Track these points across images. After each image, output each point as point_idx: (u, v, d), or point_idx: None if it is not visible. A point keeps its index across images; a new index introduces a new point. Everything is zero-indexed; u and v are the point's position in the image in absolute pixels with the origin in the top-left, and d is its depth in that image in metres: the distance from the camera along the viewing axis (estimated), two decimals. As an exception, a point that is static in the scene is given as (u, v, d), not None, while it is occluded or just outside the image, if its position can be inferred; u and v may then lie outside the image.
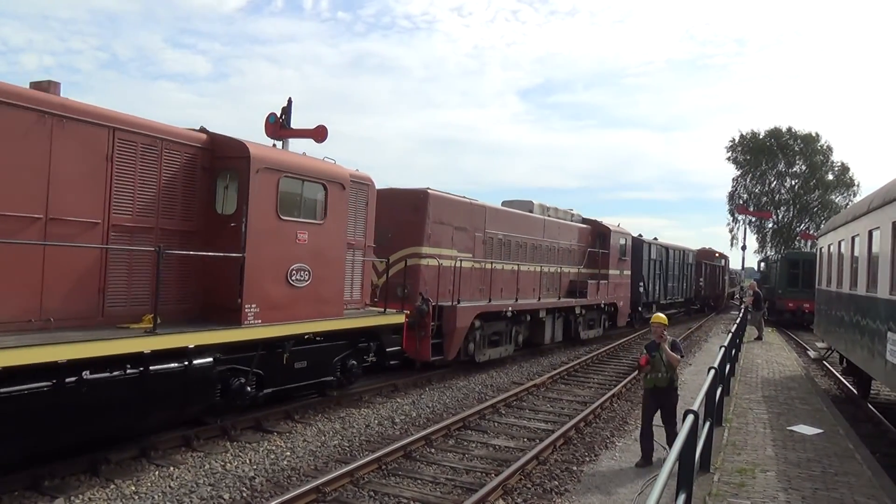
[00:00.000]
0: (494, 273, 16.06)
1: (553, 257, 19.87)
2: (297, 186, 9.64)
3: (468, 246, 15.37)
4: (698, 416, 5.58)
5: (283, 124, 12.72)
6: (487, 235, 16.19)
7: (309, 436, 9.31)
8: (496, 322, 15.80)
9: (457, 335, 13.83)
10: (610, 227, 23.34)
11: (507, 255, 17.10)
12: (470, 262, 15.10)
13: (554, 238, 20.02)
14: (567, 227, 21.28)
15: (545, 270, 18.96)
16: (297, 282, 9.54)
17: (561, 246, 20.49)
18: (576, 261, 21.47)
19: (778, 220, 64.71)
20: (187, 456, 8.12)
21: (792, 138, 62.48)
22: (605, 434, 10.21)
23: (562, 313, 19.61)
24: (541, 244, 19.09)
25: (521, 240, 17.89)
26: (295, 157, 9.95)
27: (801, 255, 36.20)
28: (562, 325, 19.66)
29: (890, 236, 9.63)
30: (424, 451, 8.89)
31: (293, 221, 9.48)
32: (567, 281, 20.57)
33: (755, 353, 20.37)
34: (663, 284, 31.01)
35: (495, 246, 16.62)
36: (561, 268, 19.91)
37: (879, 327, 10.01)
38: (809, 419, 10.78)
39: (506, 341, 16.45)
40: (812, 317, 22.95)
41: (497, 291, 16.09)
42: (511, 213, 18.01)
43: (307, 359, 10.03)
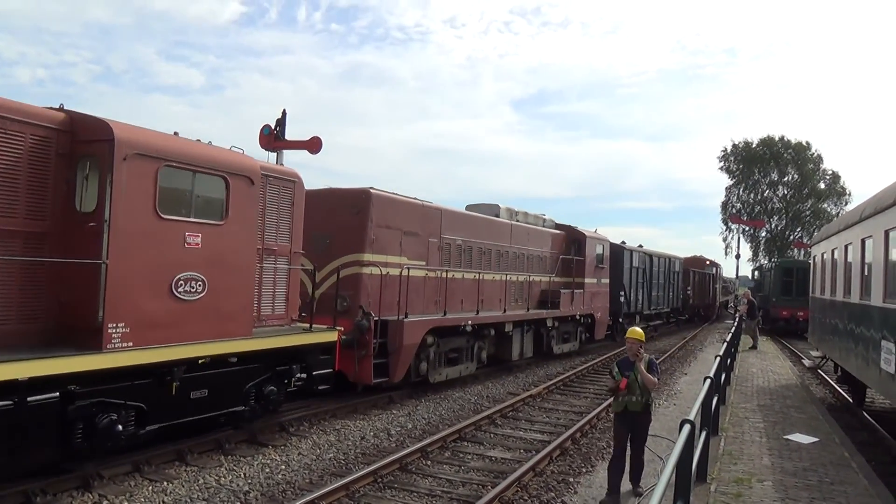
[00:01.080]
0: (452, 283, 14.63)
1: (522, 265, 18.25)
2: (185, 179, 8.00)
3: (420, 253, 13.66)
4: (695, 426, 5.56)
5: (277, 136, 12.78)
6: (444, 241, 14.51)
7: (304, 448, 9.25)
8: (454, 338, 14.25)
9: (404, 353, 12.18)
10: (585, 233, 21.79)
11: (468, 263, 15.56)
12: (423, 271, 13.56)
13: (523, 244, 18.36)
14: (538, 233, 19.63)
15: (512, 279, 17.37)
16: (185, 294, 7.88)
17: (531, 253, 18.86)
18: (548, 269, 19.83)
19: (771, 229, 65.08)
20: (181, 470, 8.04)
21: (784, 147, 62.98)
22: (602, 445, 10.17)
23: (531, 326, 18.08)
24: (507, 251, 17.45)
25: (484, 246, 16.28)
26: (181, 143, 8.16)
27: (794, 263, 36.35)
28: (532, 340, 18.15)
29: (882, 245, 9.68)
30: (420, 463, 8.84)
31: (180, 221, 7.85)
32: (538, 291, 19.12)
33: (750, 361, 20.39)
34: (647, 293, 29.40)
35: (453, 253, 14.97)
36: (531, 277, 18.48)
37: (873, 335, 10.03)
38: (805, 428, 10.77)
39: (466, 358, 14.85)
40: (806, 325, 23.00)
41: (455, 303, 14.66)
42: (472, 217, 16.39)
43: (208, 386, 8.46)
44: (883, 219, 9.70)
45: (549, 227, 20.83)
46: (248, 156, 9.30)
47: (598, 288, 22.56)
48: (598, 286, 22.56)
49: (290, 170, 10.40)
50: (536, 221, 20.05)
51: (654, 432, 8.55)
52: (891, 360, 8.85)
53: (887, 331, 9.19)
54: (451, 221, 14.93)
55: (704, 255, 48.54)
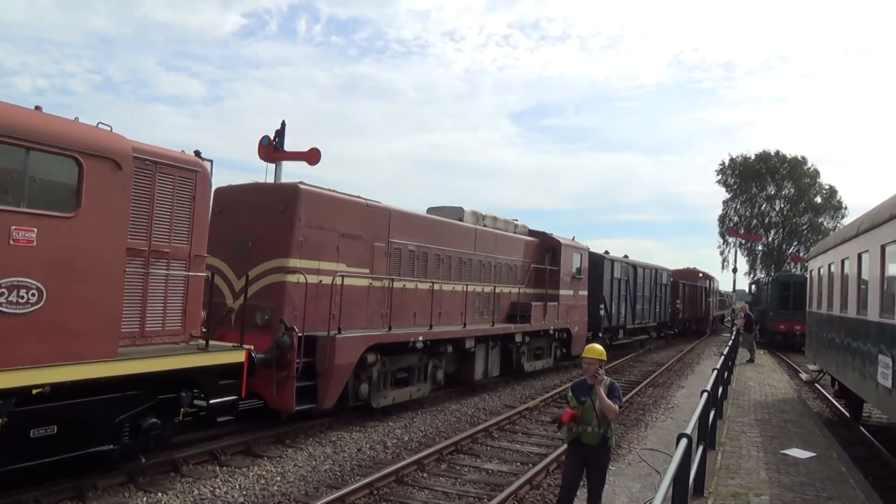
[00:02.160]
0: (402, 294, 12.91)
1: (488, 275, 16.52)
2: (11, 157, 6.36)
3: (363, 259, 11.93)
4: (692, 440, 5.56)
5: (276, 146, 12.81)
6: (393, 246, 12.73)
7: (300, 460, 9.20)
8: (403, 356, 12.58)
9: (336, 375, 10.50)
10: (561, 241, 20.03)
11: (423, 272, 13.73)
12: (365, 280, 11.85)
13: (489, 252, 16.57)
14: (507, 240, 17.82)
15: (476, 290, 15.72)
16: (9, 306, 6.18)
17: (499, 261, 17.04)
18: (518, 279, 18.05)
19: (768, 243, 65.30)
20: (176, 482, 7.99)
21: (780, 162, 63.39)
22: (599, 458, 10.13)
23: (498, 342, 16.33)
24: (471, 259, 15.69)
25: (443, 253, 14.49)
26: (8, 111, 6.44)
27: (791, 277, 36.42)
28: (499, 357, 16.45)
29: (879, 259, 9.71)
30: (416, 475, 8.80)
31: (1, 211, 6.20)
32: (507, 303, 17.39)
33: (747, 375, 20.38)
34: (630, 306, 27.73)
35: (405, 260, 13.16)
36: (498, 287, 16.73)
37: (870, 350, 10.05)
38: (802, 442, 10.76)
39: (418, 379, 13.21)
40: (803, 339, 23.02)
41: (406, 316, 13.01)
42: (428, 221, 14.58)
43: (58, 422, 6.76)
44: (879, 233, 9.74)
45: (521, 233, 19.11)
46: (117, 134, 7.40)
47: (575, 300, 20.80)
48: (575, 298, 20.79)
49: (190, 157, 8.58)
50: (507, 227, 18.40)
51: (651, 445, 8.52)
52: (888, 375, 8.86)
53: (884, 345, 9.20)
54: (402, 224, 13.10)
55: (698, 268, 46.93)
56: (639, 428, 12.50)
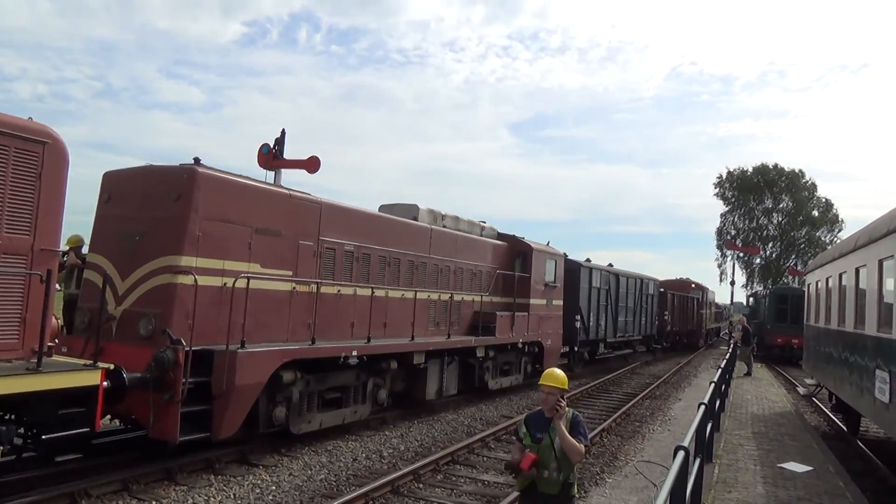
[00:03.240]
0: (335, 300, 11.21)
1: (446, 280, 14.82)
2: None
3: (284, 259, 10.24)
4: (689, 453, 5.54)
5: (276, 154, 12.80)
6: (324, 245, 11.05)
7: (295, 469, 9.16)
8: (335, 373, 10.80)
9: (238, 397, 8.60)
10: (532, 245, 18.24)
11: (363, 276, 12.00)
12: (287, 284, 10.19)
13: (448, 255, 14.88)
14: (470, 242, 16.14)
15: (431, 298, 14.09)
16: None
17: (459, 266, 15.36)
18: (483, 286, 16.38)
19: (766, 256, 65.44)
20: (170, 490, 7.94)
21: (778, 175, 63.67)
22: (595, 470, 10.10)
23: (456, 357, 14.62)
24: (425, 262, 13.99)
25: (390, 255, 12.77)
26: None
27: (789, 290, 36.44)
28: (457, 373, 14.78)
29: (876, 274, 9.73)
30: (412, 486, 8.76)
31: None
32: (469, 313, 15.68)
33: (745, 388, 20.35)
34: (612, 318, 26.01)
35: (339, 261, 11.41)
36: (456, 295, 14.97)
37: (867, 364, 10.04)
38: (800, 456, 10.73)
39: (354, 400, 11.40)
40: (801, 352, 23.00)
41: (341, 327, 11.31)
42: (371, 217, 12.77)
43: None
44: (877, 248, 9.77)
45: (488, 236, 17.44)
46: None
47: (548, 311, 19.04)
48: (548, 308, 19.03)
49: (36, 125, 6.93)
50: (471, 228, 16.69)
51: (648, 458, 8.50)
52: (885, 390, 8.85)
53: (881, 360, 9.21)
54: (336, 220, 11.40)
55: (692, 279, 44.91)
56: (636, 440, 12.46)
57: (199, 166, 9.09)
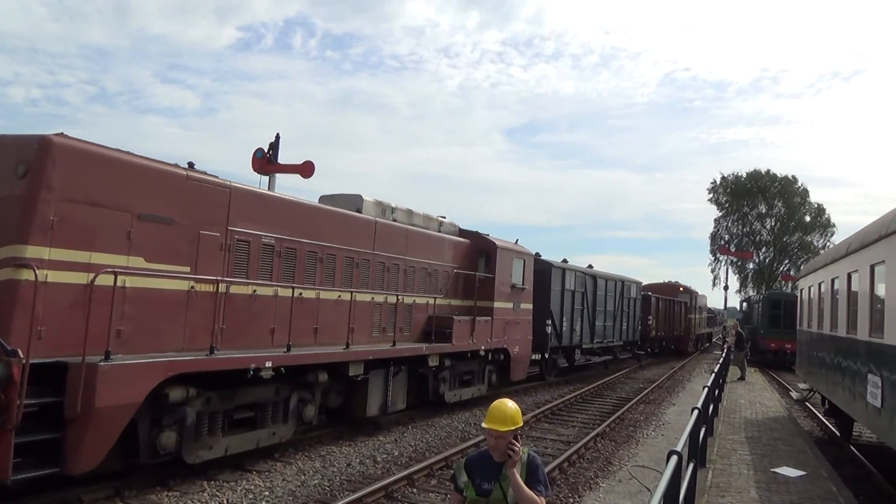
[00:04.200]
0: (252, 302, 9.59)
1: (395, 280, 13.17)
2: None
3: (179, 252, 8.50)
4: (682, 457, 5.55)
5: (270, 159, 12.81)
6: (235, 237, 9.38)
7: (289, 475, 9.13)
8: (246, 388, 9.22)
9: (99, 422, 6.92)
10: (497, 243, 16.57)
11: (289, 274, 10.37)
12: (184, 282, 8.48)
13: (397, 252, 13.25)
14: (425, 239, 14.46)
15: (377, 300, 12.49)
16: None
17: (411, 264, 13.71)
18: (440, 288, 14.77)
19: (759, 261, 65.76)
20: (163, 496, 7.91)
21: (770, 181, 64.09)
22: (589, 475, 10.10)
23: (403, 366, 12.95)
24: (369, 260, 12.33)
25: (322, 250, 11.09)
26: None
27: (782, 295, 36.59)
28: (405, 385, 13.12)
29: (868, 279, 9.79)
30: (406, 491, 8.74)
31: None
32: (422, 317, 14.02)
33: (738, 393, 20.40)
34: (588, 323, 24.31)
35: (255, 256, 9.76)
36: (406, 297, 13.35)
37: (860, 369, 10.09)
38: (793, 461, 10.76)
39: (273, 419, 9.76)
40: (794, 357, 23.10)
41: (257, 333, 9.65)
42: (298, 207, 10.94)
43: None
44: (868, 254, 9.83)
45: (448, 232, 15.81)
46: None
47: (515, 315, 17.40)
48: (515, 312, 17.38)
49: None
50: (426, 223, 15.00)
51: (642, 462, 8.51)
52: (877, 394, 8.89)
53: (873, 364, 9.25)
54: (251, 208, 9.75)
55: (681, 282, 43.04)
56: (630, 445, 12.48)
57: (58, 136, 7.39)
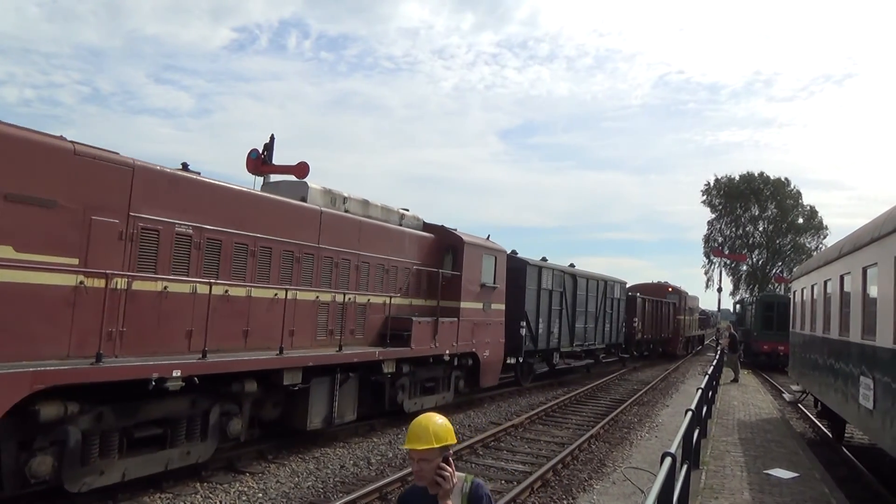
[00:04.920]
0: (162, 301, 8.24)
1: (344, 278, 11.81)
2: None
3: (64, 241, 7.31)
4: (676, 459, 5.56)
5: (265, 160, 12.78)
6: (139, 225, 8.06)
7: (282, 476, 9.11)
8: (151, 402, 7.89)
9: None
10: (464, 238, 15.25)
11: (212, 268, 9.09)
12: (70, 276, 7.27)
13: (348, 246, 11.90)
14: (381, 232, 13.04)
15: (322, 300, 11.18)
16: None
17: (364, 260, 12.35)
18: (399, 286, 13.47)
19: (752, 263, 66.02)
20: (156, 497, 7.88)
21: (764, 183, 64.37)
22: (583, 476, 10.12)
23: (351, 373, 11.48)
24: (313, 254, 11.04)
25: (256, 242, 9.85)
26: None
27: (775, 297, 36.73)
28: (355, 394, 11.68)
29: (860, 281, 9.84)
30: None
31: None
32: (378, 318, 12.69)
33: (732, 395, 20.47)
34: (568, 325, 22.74)
35: (167, 248, 8.42)
36: (358, 296, 12.06)
37: (852, 371, 10.14)
38: (786, 462, 10.80)
39: (188, 436, 8.48)
40: (787, 359, 23.18)
41: (171, 336, 8.32)
42: (224, 192, 9.51)
43: None
44: (861, 256, 9.88)
45: (409, 225, 14.49)
46: None
47: (485, 316, 16.14)
48: (485, 314, 16.13)
49: None
50: (386, 216, 13.65)
51: (636, 464, 8.53)
52: (869, 396, 8.93)
53: (865, 367, 9.30)
54: (162, 191, 8.39)
55: (670, 282, 41.35)
56: (623, 446, 12.50)
57: None
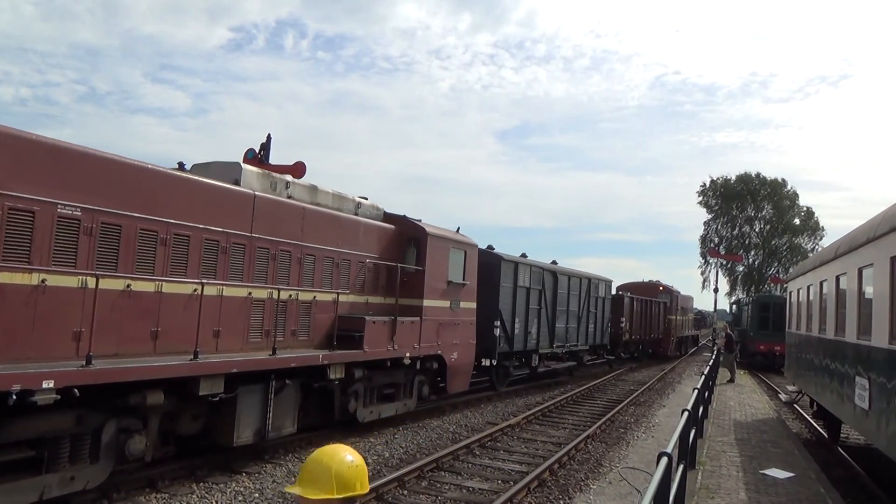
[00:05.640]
0: (37, 298, 6.92)
1: (284, 271, 10.41)
2: None
3: None
4: (672, 459, 5.57)
5: (261, 160, 12.75)
6: (7, 205, 6.69)
7: (279, 476, 9.09)
8: (16, 421, 6.48)
9: None
10: (427, 230, 13.58)
11: (110, 259, 7.71)
12: None
13: (289, 236, 10.51)
14: (330, 221, 11.58)
15: (256, 297, 9.76)
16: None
17: (309, 252, 10.90)
18: (353, 282, 12.04)
19: (748, 264, 66.17)
20: (151, 497, 7.86)
21: (760, 184, 64.53)
22: (580, 476, 10.12)
23: (287, 379, 9.91)
24: (244, 244, 9.62)
25: (168, 229, 8.44)
26: None
27: (771, 298, 36.80)
28: (296, 402, 10.26)
29: (856, 282, 9.86)
30: (397, 492, 8.72)
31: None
32: (326, 318, 11.20)
33: (728, 395, 20.50)
34: (548, 325, 21.35)
35: (44, 232, 7.03)
36: (300, 293, 10.67)
37: (847, 371, 10.16)
38: (781, 463, 10.82)
39: (70, 459, 7.08)
40: (783, 359, 23.23)
41: (51, 340, 7.02)
42: (123, 168, 8.00)
43: None
44: (857, 257, 9.90)
45: (367, 215, 12.91)
46: None
47: (453, 315, 14.57)
48: (453, 313, 14.55)
49: None
50: (339, 204, 12.22)
51: (632, 464, 8.54)
52: (864, 396, 8.96)
53: (861, 367, 9.32)
54: (36, 164, 6.98)
55: (662, 282, 39.99)
56: (620, 446, 12.51)
57: None
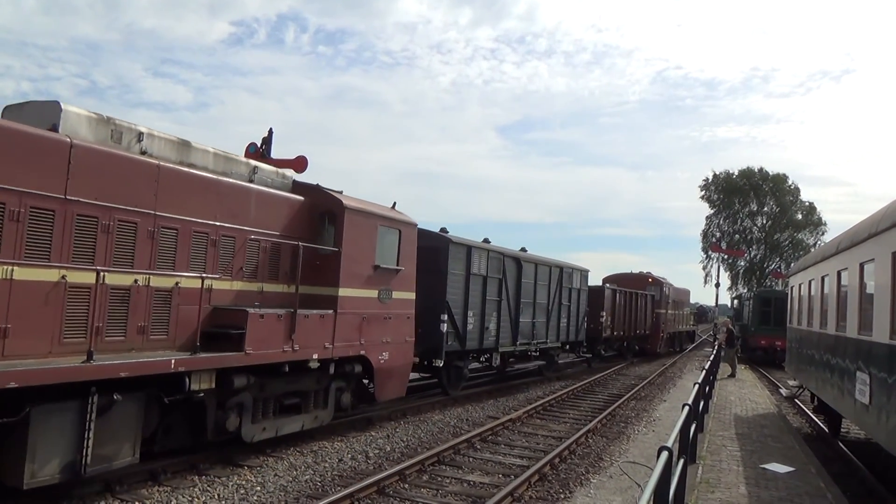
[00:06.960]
0: None
1: (128, 250, 7.87)
2: None
3: None
4: (672, 453, 5.58)
5: (263, 154, 12.76)
6: None
7: (280, 470, 9.13)
8: None
9: None
10: (345, 203, 10.88)
11: None
12: None
13: (137, 203, 7.96)
14: (206, 186, 9.03)
15: (80, 283, 7.21)
16: None
17: (168, 224, 8.38)
18: (240, 265, 9.56)
19: (750, 259, 66.14)
20: (153, 491, 7.89)
21: (762, 179, 64.43)
22: (580, 471, 10.15)
23: (116, 393, 7.20)
24: (57, 211, 7.07)
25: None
26: None
27: (773, 293, 36.81)
28: (138, 421, 7.69)
29: (857, 277, 9.86)
30: (398, 486, 8.76)
31: None
32: (193, 311, 8.47)
33: (728, 390, 20.53)
34: (510, 319, 18.58)
35: None
36: (151, 278, 8.12)
37: (848, 366, 10.17)
38: (782, 457, 10.84)
39: None
40: (784, 354, 23.25)
41: None
42: None
43: None
44: (858, 252, 9.90)
45: (264, 183, 10.33)
46: None
47: (382, 308, 11.90)
48: (382, 304, 11.87)
49: None
50: (222, 166, 9.64)
51: (632, 458, 8.57)
52: (865, 391, 8.97)
53: (862, 362, 9.33)
54: None
55: (653, 273, 36.92)
56: (620, 441, 12.53)
57: None
